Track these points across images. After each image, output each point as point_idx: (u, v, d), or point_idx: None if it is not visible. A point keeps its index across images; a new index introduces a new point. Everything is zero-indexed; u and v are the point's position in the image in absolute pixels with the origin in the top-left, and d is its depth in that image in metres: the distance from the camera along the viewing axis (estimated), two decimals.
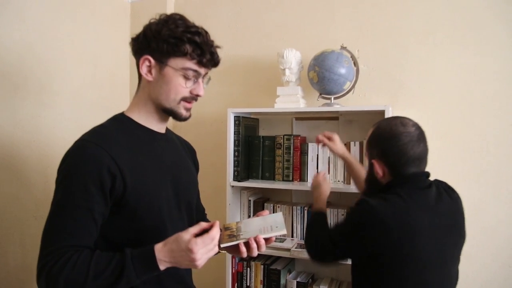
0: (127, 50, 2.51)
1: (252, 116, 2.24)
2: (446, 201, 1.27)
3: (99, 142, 1.05)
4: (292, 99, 2.01)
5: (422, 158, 1.27)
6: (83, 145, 1.06)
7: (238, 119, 2.08)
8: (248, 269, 2.09)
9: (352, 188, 1.87)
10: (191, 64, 1.11)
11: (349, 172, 1.78)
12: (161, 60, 1.10)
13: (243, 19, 2.38)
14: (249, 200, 2.16)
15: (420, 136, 1.26)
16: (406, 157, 1.24)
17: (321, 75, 1.88)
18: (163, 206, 1.14)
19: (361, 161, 1.92)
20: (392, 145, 1.25)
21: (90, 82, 2.28)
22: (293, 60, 1.99)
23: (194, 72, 1.12)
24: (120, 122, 1.17)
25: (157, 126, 1.20)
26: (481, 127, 1.89)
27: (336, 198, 2.15)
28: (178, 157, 1.29)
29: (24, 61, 1.89)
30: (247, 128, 2.17)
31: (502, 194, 1.87)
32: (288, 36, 2.27)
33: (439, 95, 1.98)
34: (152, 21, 1.14)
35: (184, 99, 1.14)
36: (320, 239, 1.37)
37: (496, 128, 1.88)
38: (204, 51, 1.11)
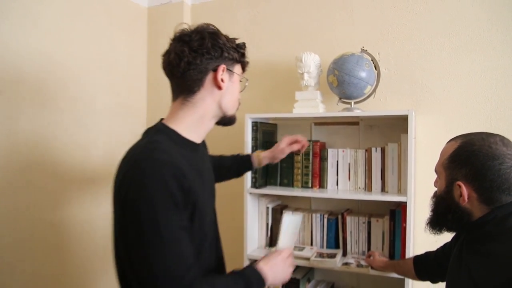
0: (144, 55, 2.54)
1: (270, 122, 2.20)
2: None
3: (173, 161, 1.02)
4: (311, 103, 1.96)
5: None
6: (160, 165, 0.99)
7: (255, 125, 2.04)
8: None
9: (373, 196, 1.81)
10: (241, 70, 1.23)
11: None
12: (231, 68, 1.17)
13: (260, 23, 2.35)
14: (267, 207, 2.12)
15: None
16: (507, 183, 1.02)
17: (340, 79, 1.83)
18: (210, 220, 1.20)
19: (383, 171, 1.87)
20: (493, 167, 1.02)
21: (107, 88, 2.27)
22: (312, 64, 1.95)
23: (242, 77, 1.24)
24: (169, 135, 1.13)
25: (199, 137, 1.20)
26: (508, 131, 1.82)
27: (356, 206, 2.09)
28: (208, 164, 1.30)
29: (40, 67, 1.89)
30: (265, 134, 2.13)
31: None
32: (306, 40, 2.22)
33: (463, 99, 1.91)
34: (188, 30, 1.15)
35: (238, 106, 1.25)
36: None
37: None
38: (246, 57, 1.23)
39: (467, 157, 1.07)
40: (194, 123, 1.17)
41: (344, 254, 1.97)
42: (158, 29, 2.54)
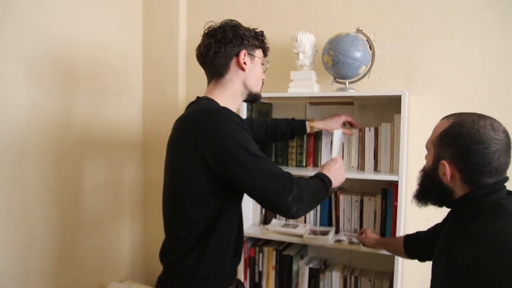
0: (139, 34, 2.53)
1: (265, 101, 2.21)
2: None
3: (235, 114, 1.29)
4: (306, 83, 1.97)
5: (505, 169, 1.09)
6: (231, 113, 1.26)
7: (250, 104, 2.05)
8: (261, 254, 2.08)
9: (366, 175, 1.84)
10: (262, 54, 1.49)
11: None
12: (252, 52, 1.43)
13: (256, 2, 2.33)
14: None
15: (509, 145, 1.07)
16: (489, 167, 1.05)
17: (335, 59, 1.83)
18: None
19: (376, 150, 1.89)
20: (477, 151, 1.04)
21: (102, 66, 2.27)
22: (307, 43, 1.95)
23: (264, 59, 1.50)
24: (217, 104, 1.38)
25: None
26: (500, 112, 1.84)
27: (349, 185, 2.12)
28: None
29: (35, 47, 1.88)
30: (260, 113, 2.14)
31: None
32: (302, 19, 2.22)
33: (457, 80, 1.93)
34: (213, 27, 1.42)
35: (262, 84, 1.51)
36: None
37: None
38: (266, 43, 1.50)
39: (455, 138, 1.09)
40: (227, 101, 1.40)
41: (337, 231, 2.02)
42: (153, 6, 2.52)
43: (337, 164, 1.56)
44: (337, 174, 1.52)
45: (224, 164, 1.21)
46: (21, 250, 1.85)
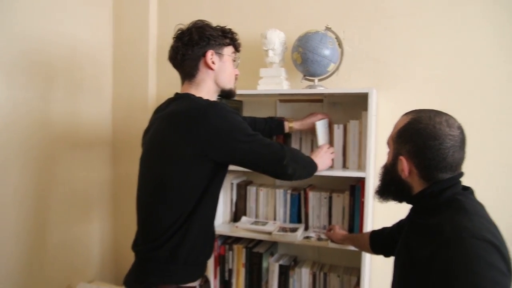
0: (109, 30, 2.49)
1: (235, 98, 2.20)
2: None
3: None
4: (276, 80, 1.97)
5: (459, 165, 1.10)
6: (226, 105, 1.39)
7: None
8: (231, 252, 2.08)
9: (335, 172, 1.85)
10: (233, 50, 1.54)
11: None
12: (219, 51, 1.48)
13: None
14: (232, 183, 2.14)
15: (463, 141, 1.09)
16: (444, 163, 1.06)
17: (304, 56, 1.84)
18: None
19: (345, 147, 1.91)
20: (432, 147, 1.06)
21: (71, 63, 2.22)
22: (277, 40, 1.95)
23: (235, 56, 1.56)
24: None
25: None
26: (464, 109, 1.88)
27: (318, 182, 2.14)
28: None
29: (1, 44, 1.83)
30: None
31: (486, 173, 1.87)
32: (271, 17, 2.22)
33: (424, 78, 1.96)
34: (182, 29, 1.48)
35: (235, 80, 1.57)
36: None
37: (480, 110, 1.88)
38: (237, 40, 1.55)
39: (412, 135, 1.10)
40: (207, 96, 1.46)
41: (306, 228, 2.03)
42: (123, 3, 2.48)
43: (323, 150, 1.78)
44: (324, 159, 1.75)
45: (230, 149, 1.35)
46: None
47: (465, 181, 1.13)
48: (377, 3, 2.02)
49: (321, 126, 1.88)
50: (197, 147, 1.31)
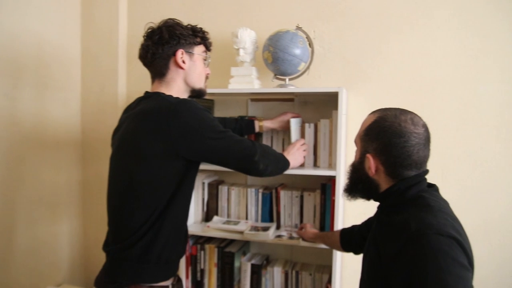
0: (77, 26, 2.43)
1: (206, 97, 2.19)
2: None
3: None
4: (247, 79, 1.97)
5: (424, 162, 1.12)
6: (197, 104, 1.37)
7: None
8: (202, 252, 2.06)
9: (306, 171, 1.86)
10: (204, 49, 1.54)
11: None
12: (190, 50, 1.47)
13: None
14: (203, 183, 2.13)
15: (428, 139, 1.12)
16: (410, 160, 1.08)
17: (275, 55, 1.84)
18: None
19: (315, 144, 1.92)
20: (398, 144, 1.08)
21: (36, 60, 2.16)
22: (248, 39, 1.95)
23: (206, 55, 1.55)
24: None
25: None
26: (430, 110, 1.92)
27: (290, 181, 2.14)
28: None
29: None
30: None
31: (448, 172, 1.92)
32: (243, 15, 2.22)
33: (391, 78, 1.99)
34: (153, 28, 1.47)
35: (205, 79, 1.56)
36: None
37: (445, 111, 1.92)
38: (208, 39, 1.55)
39: (378, 132, 1.12)
40: (178, 94, 1.46)
41: (278, 227, 2.03)
42: None
43: (295, 147, 1.80)
44: (296, 156, 1.77)
45: (201, 146, 1.34)
46: None
47: (430, 178, 1.16)
48: (347, 3, 2.04)
49: (295, 124, 1.90)
50: (168, 145, 1.30)
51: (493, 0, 1.85)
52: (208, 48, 1.57)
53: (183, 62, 1.45)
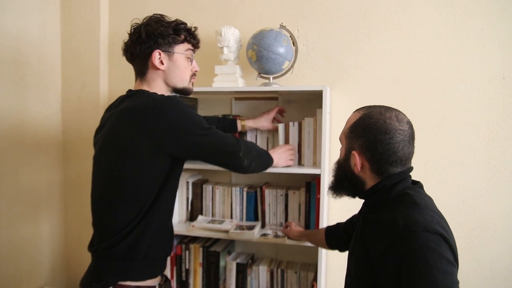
0: (57, 22, 2.38)
1: (190, 96, 2.17)
2: None
3: None
4: (231, 78, 1.96)
5: (409, 159, 1.13)
6: (182, 101, 1.36)
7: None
8: (187, 251, 2.05)
9: (290, 169, 1.86)
10: (189, 47, 1.49)
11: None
12: (169, 50, 1.43)
13: None
14: (188, 182, 2.11)
15: (412, 136, 1.13)
16: (395, 156, 1.09)
17: (259, 53, 1.84)
18: None
19: (300, 142, 1.92)
20: (383, 141, 1.09)
21: (14, 57, 2.11)
22: (232, 38, 1.94)
23: (192, 53, 1.51)
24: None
25: None
26: (412, 108, 1.95)
27: (274, 179, 2.15)
28: None
29: None
30: None
31: (430, 169, 1.95)
32: (227, 13, 2.21)
33: (374, 76, 2.01)
34: (137, 25, 1.44)
35: (191, 77, 1.52)
36: None
37: (426, 109, 1.95)
38: (194, 36, 1.51)
39: (364, 129, 1.13)
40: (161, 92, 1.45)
41: (263, 226, 2.03)
42: None
43: (282, 149, 1.81)
44: (281, 156, 1.78)
45: (186, 142, 1.33)
46: None
47: (412, 175, 1.17)
48: (330, 3, 2.05)
49: (283, 129, 1.93)
50: (154, 142, 1.30)
51: (473, 0, 1.88)
52: (195, 45, 1.53)
53: (161, 63, 1.43)
